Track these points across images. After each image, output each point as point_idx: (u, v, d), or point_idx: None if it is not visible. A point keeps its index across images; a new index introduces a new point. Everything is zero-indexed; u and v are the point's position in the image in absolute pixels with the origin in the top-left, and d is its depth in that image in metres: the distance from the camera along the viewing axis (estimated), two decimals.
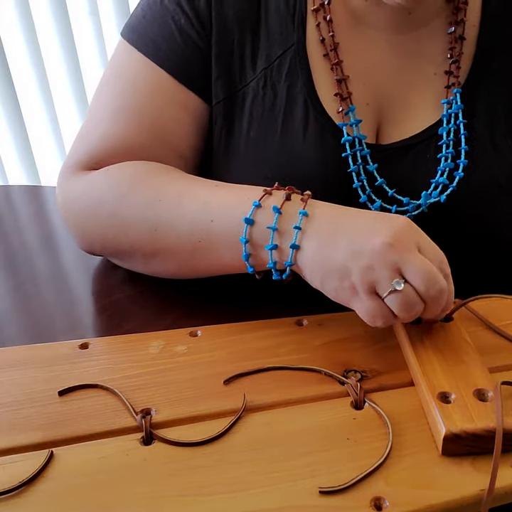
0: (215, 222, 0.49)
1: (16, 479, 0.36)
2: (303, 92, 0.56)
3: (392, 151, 0.57)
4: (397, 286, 0.41)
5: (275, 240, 0.46)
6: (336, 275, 0.43)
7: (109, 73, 0.61)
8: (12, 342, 0.52)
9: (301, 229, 0.45)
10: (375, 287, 0.42)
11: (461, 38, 0.56)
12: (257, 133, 0.57)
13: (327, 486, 0.36)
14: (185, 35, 0.57)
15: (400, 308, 0.42)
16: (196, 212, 0.50)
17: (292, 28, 0.56)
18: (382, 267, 0.41)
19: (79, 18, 1.43)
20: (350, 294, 0.43)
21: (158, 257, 0.54)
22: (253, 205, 0.47)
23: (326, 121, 0.55)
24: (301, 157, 0.55)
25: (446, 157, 0.55)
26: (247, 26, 0.57)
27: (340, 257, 0.43)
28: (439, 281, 0.42)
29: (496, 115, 0.56)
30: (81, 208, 0.57)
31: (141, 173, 0.55)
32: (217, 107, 0.58)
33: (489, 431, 0.37)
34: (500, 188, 0.55)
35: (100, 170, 0.57)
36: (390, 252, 0.41)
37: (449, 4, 0.56)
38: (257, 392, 0.43)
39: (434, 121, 0.56)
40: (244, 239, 0.47)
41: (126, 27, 0.60)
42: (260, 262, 0.48)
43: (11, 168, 1.57)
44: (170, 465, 0.38)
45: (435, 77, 0.57)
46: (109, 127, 0.58)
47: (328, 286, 0.44)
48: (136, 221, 0.52)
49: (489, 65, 0.56)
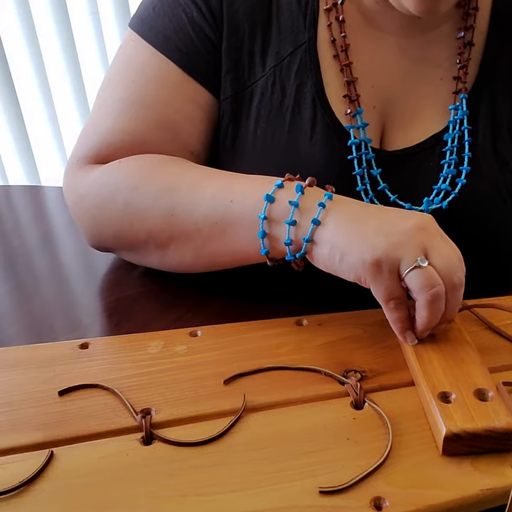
0: (234, 202, 0.48)
1: (16, 479, 0.36)
2: (312, 92, 0.55)
3: (396, 157, 0.56)
4: (421, 262, 0.41)
5: (295, 215, 0.45)
6: (361, 248, 0.42)
7: (117, 65, 0.59)
8: (12, 342, 0.52)
9: (326, 207, 0.45)
10: (399, 265, 0.42)
11: (469, 44, 0.56)
12: (265, 131, 0.56)
13: (327, 486, 0.36)
14: (197, 28, 0.56)
15: (420, 284, 0.41)
16: (216, 194, 0.49)
17: (304, 27, 0.56)
18: (411, 246, 0.42)
19: (79, 18, 1.43)
20: (371, 270, 0.42)
21: (174, 245, 0.53)
22: (275, 185, 0.47)
23: (333, 123, 0.55)
24: (307, 157, 0.55)
25: (450, 163, 0.55)
26: (258, 22, 0.56)
27: (369, 232, 0.43)
28: (461, 270, 0.43)
29: (499, 122, 0.55)
30: (94, 202, 0.56)
31: (156, 162, 0.54)
32: (224, 103, 0.57)
33: (490, 430, 0.37)
34: (501, 196, 0.55)
35: (112, 162, 0.56)
36: (420, 234, 0.42)
37: (459, 10, 0.56)
38: (257, 392, 0.43)
39: (441, 129, 0.56)
40: (262, 215, 0.46)
41: (135, 19, 0.59)
42: (275, 244, 0.47)
43: (11, 168, 1.57)
44: (170, 465, 0.38)
45: (441, 82, 0.57)
46: (118, 120, 0.56)
47: (347, 263, 0.43)
48: (153, 207, 0.52)
49: (495, 72, 0.56)
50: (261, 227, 0.47)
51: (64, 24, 1.43)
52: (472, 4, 0.55)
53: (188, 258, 0.53)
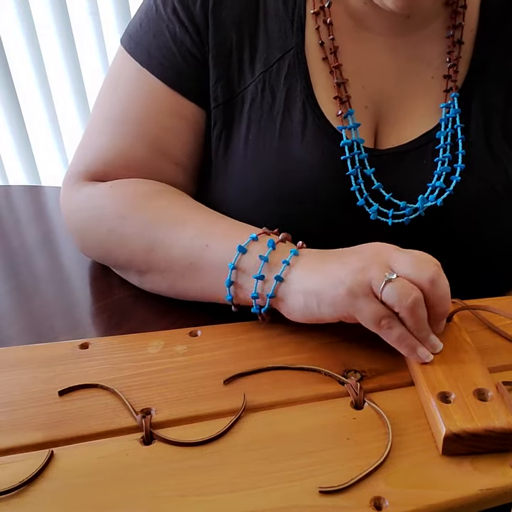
0: (209, 247, 0.50)
1: (16, 479, 0.36)
2: (301, 96, 0.56)
3: (390, 155, 0.56)
4: (390, 276, 0.42)
5: (264, 270, 0.47)
6: (332, 285, 0.44)
7: (108, 81, 0.62)
8: (12, 342, 0.52)
9: (290, 264, 0.47)
10: (371, 287, 0.43)
11: (459, 42, 0.56)
12: (256, 136, 0.57)
13: (327, 486, 0.36)
14: (179, 44, 0.57)
15: (397, 297, 0.42)
16: (193, 238, 0.51)
17: (291, 32, 0.56)
18: (375, 266, 0.43)
19: (79, 18, 1.42)
20: (348, 301, 0.43)
21: (151, 275, 0.55)
22: (250, 237, 0.49)
23: (323, 125, 0.55)
24: (299, 160, 0.55)
25: (443, 161, 0.55)
26: (246, 30, 0.57)
27: (333, 270, 0.45)
28: (430, 267, 0.43)
29: (492, 120, 0.56)
30: (82, 220, 0.59)
31: (142, 193, 0.57)
32: (216, 110, 0.58)
33: (489, 430, 0.37)
34: (496, 193, 0.55)
35: (102, 185, 0.58)
36: (378, 256, 0.44)
37: (447, 8, 0.56)
38: (257, 392, 0.43)
39: (432, 127, 0.56)
40: (232, 265, 0.48)
41: (124, 34, 0.61)
42: (242, 294, 0.49)
43: (11, 168, 1.57)
44: (170, 465, 0.38)
45: (433, 81, 0.57)
46: (108, 139, 0.59)
47: (324, 304, 0.44)
48: (133, 241, 0.54)
49: (486, 69, 0.56)
50: (228, 276, 0.49)
51: (64, 24, 1.43)
52: (460, 2, 0.55)
53: (162, 288, 0.56)
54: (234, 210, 0.57)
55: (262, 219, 0.55)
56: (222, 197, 0.59)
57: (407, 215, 0.56)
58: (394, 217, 0.56)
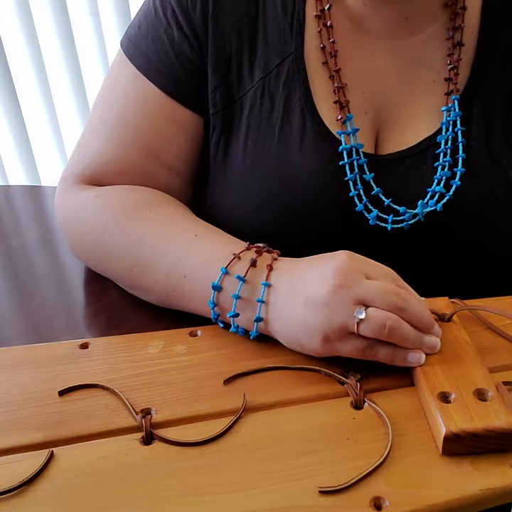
0: (187, 278, 0.51)
1: (16, 479, 0.36)
2: (300, 102, 0.55)
3: (389, 161, 0.56)
4: (359, 315, 0.42)
5: (238, 308, 0.47)
6: (306, 334, 0.44)
7: (107, 83, 0.62)
8: (12, 342, 0.52)
9: (264, 302, 0.47)
10: (346, 328, 0.43)
11: (459, 45, 0.55)
12: (255, 142, 0.57)
13: (327, 486, 0.36)
14: (177, 49, 0.57)
15: (373, 332, 0.42)
16: (171, 265, 0.52)
17: (290, 36, 0.56)
18: (342, 308, 0.42)
19: (79, 18, 1.42)
20: (326, 347, 0.44)
21: (138, 291, 0.56)
22: (221, 272, 0.48)
23: (322, 131, 0.55)
24: (297, 167, 0.55)
25: (444, 166, 0.55)
26: (245, 35, 0.56)
27: (300, 314, 0.44)
28: (399, 292, 0.43)
29: (493, 123, 0.55)
30: (71, 227, 0.60)
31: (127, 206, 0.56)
32: (215, 116, 0.58)
33: (489, 430, 0.37)
34: (495, 197, 0.55)
35: (90, 195, 0.58)
36: (341, 291, 0.43)
37: (447, 9, 0.55)
38: (257, 392, 0.43)
39: (433, 131, 0.56)
40: (212, 303, 0.49)
41: (124, 36, 0.60)
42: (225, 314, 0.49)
43: (11, 168, 1.57)
44: (170, 465, 0.38)
45: (434, 84, 0.56)
46: (103, 143, 0.59)
47: (305, 349, 0.45)
48: (117, 257, 0.55)
49: (487, 73, 0.55)
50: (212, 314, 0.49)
51: (64, 24, 1.43)
52: (459, 4, 0.55)
53: (153, 301, 0.56)
54: (232, 216, 0.57)
55: (261, 225, 0.55)
56: (220, 203, 0.59)
57: (407, 220, 0.55)
58: (393, 223, 0.55)
